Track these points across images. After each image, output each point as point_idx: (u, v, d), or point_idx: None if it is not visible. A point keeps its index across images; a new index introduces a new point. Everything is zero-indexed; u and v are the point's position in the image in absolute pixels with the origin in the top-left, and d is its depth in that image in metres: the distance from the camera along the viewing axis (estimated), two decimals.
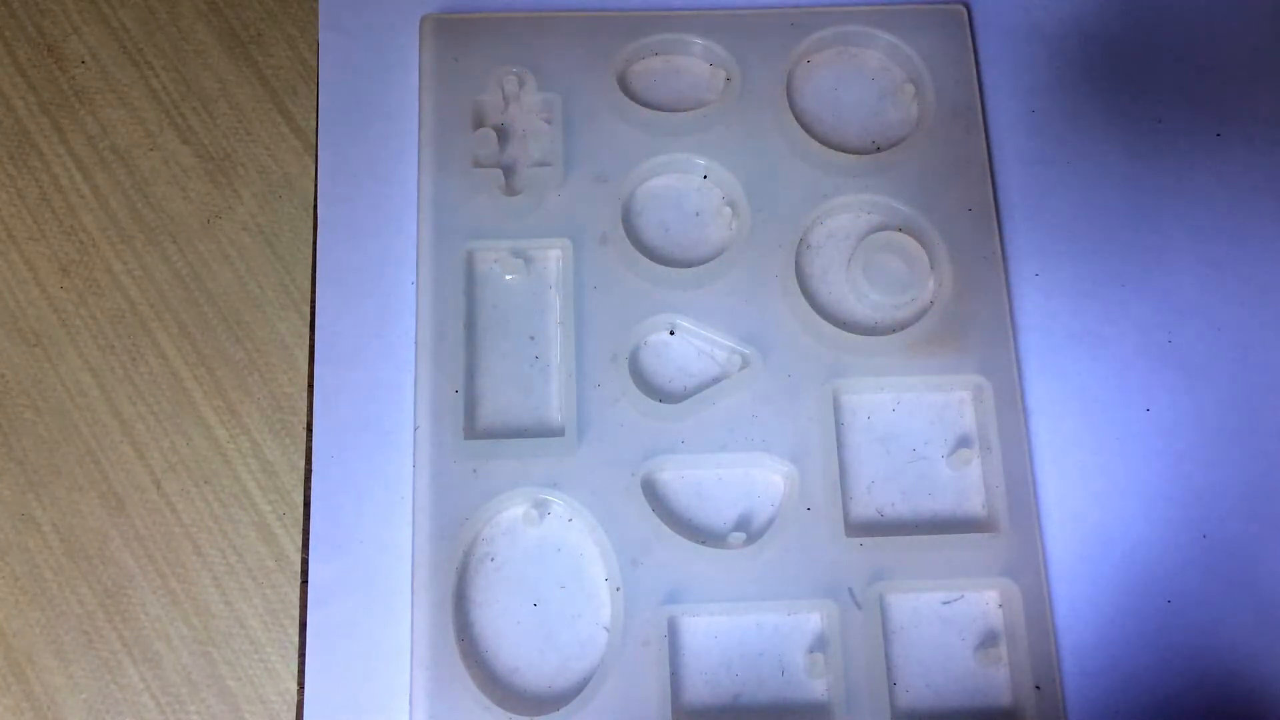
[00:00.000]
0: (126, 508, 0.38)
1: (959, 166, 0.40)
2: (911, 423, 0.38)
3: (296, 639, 0.36)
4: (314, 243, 0.40)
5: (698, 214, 0.40)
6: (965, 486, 0.38)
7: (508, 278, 0.39)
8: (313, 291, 0.39)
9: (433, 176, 0.39)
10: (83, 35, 0.42)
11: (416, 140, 0.40)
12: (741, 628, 0.36)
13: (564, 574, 0.37)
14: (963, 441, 0.38)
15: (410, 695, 0.35)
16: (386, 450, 0.37)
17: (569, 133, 0.40)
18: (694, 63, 0.42)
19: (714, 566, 0.36)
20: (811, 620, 0.36)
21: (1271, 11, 0.43)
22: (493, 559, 0.37)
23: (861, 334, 0.38)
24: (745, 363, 0.38)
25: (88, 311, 0.39)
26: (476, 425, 0.38)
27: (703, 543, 0.36)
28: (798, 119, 0.41)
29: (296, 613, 0.37)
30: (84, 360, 0.39)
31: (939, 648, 0.36)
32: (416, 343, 0.38)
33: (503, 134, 0.40)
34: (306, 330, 0.39)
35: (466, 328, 0.38)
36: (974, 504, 0.38)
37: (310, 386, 0.38)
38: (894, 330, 0.39)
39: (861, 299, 0.39)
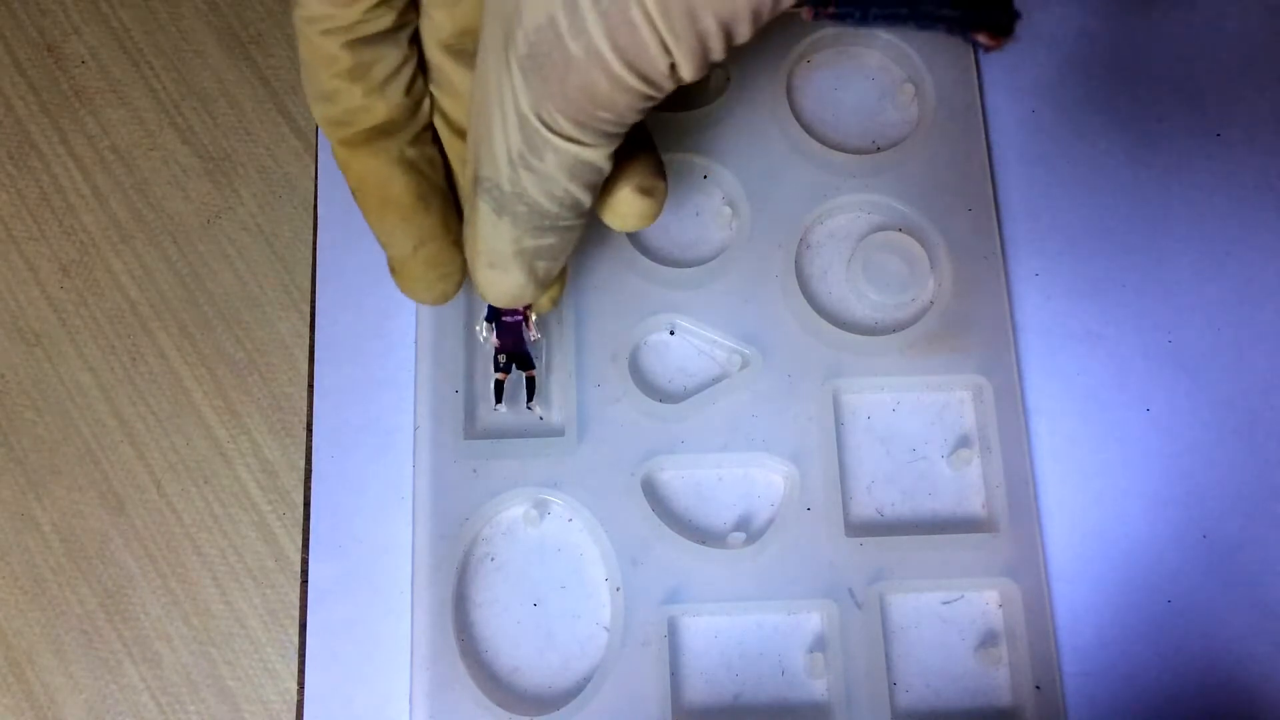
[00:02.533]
0: (126, 508, 0.38)
1: (959, 166, 0.40)
2: (911, 423, 0.38)
3: (296, 639, 0.36)
4: (314, 243, 0.40)
5: (698, 214, 0.40)
6: (965, 486, 0.38)
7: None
8: (313, 291, 0.39)
9: None
10: (83, 35, 0.42)
11: None
12: (741, 628, 0.36)
13: (564, 574, 0.37)
14: (963, 441, 0.38)
15: (410, 695, 0.35)
16: (386, 450, 0.37)
17: None
18: None
19: (714, 566, 0.36)
20: (811, 620, 0.36)
21: (1271, 11, 0.43)
22: (493, 559, 0.37)
23: (861, 334, 0.38)
24: (745, 363, 0.38)
25: (88, 311, 0.39)
26: (476, 425, 0.38)
27: (703, 543, 0.36)
28: (798, 119, 0.41)
29: (296, 613, 0.37)
30: (84, 360, 0.39)
31: (939, 648, 0.36)
32: (416, 343, 0.38)
33: None
34: (306, 330, 0.39)
35: (466, 328, 0.38)
36: (974, 504, 0.38)
37: (310, 386, 0.38)
38: (894, 330, 0.39)
39: (861, 299, 0.39)
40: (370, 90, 0.28)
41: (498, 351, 0.37)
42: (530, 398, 0.37)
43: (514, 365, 0.37)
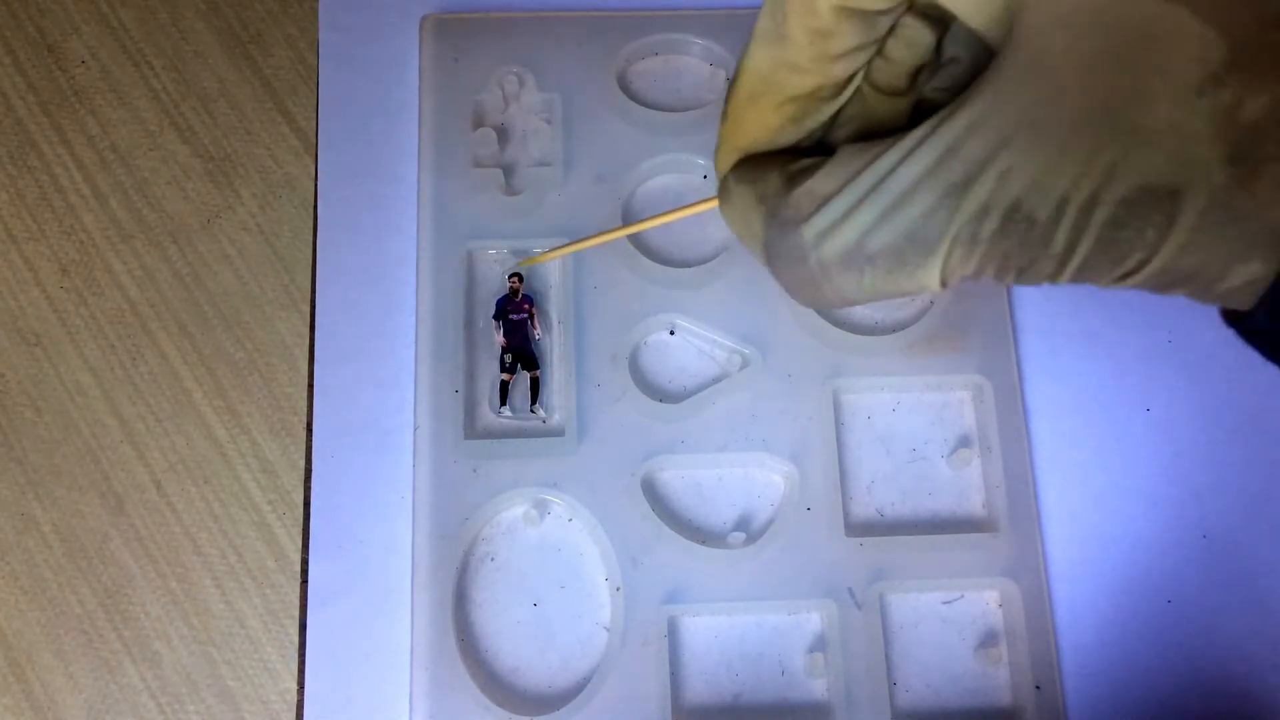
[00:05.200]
0: (126, 508, 0.38)
1: None
2: (911, 423, 0.38)
3: (296, 639, 0.36)
4: (314, 243, 0.40)
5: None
6: (965, 486, 0.38)
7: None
8: (313, 291, 0.39)
9: (433, 176, 0.39)
10: (83, 35, 0.42)
11: (416, 140, 0.40)
12: (741, 628, 0.36)
13: (564, 574, 0.37)
14: (963, 441, 0.38)
15: (410, 695, 0.35)
16: (386, 450, 0.37)
17: (569, 133, 0.40)
18: (694, 63, 0.42)
19: (714, 566, 0.36)
20: (811, 620, 0.36)
21: None
22: (493, 559, 0.37)
23: (861, 334, 0.38)
24: (745, 363, 0.38)
25: (88, 311, 0.39)
26: (476, 425, 0.38)
27: (703, 543, 0.36)
28: None
29: (296, 613, 0.37)
30: (84, 360, 0.39)
31: (939, 648, 0.36)
32: (416, 343, 0.38)
33: (503, 134, 0.40)
34: (306, 330, 0.39)
35: (466, 327, 0.38)
36: (974, 504, 0.38)
37: (310, 386, 0.38)
38: (894, 330, 0.39)
39: None
40: (820, 56, 0.25)
41: (504, 351, 0.37)
42: (534, 399, 0.37)
43: (519, 365, 0.37)
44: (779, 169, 0.25)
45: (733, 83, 0.26)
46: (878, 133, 0.26)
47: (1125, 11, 0.20)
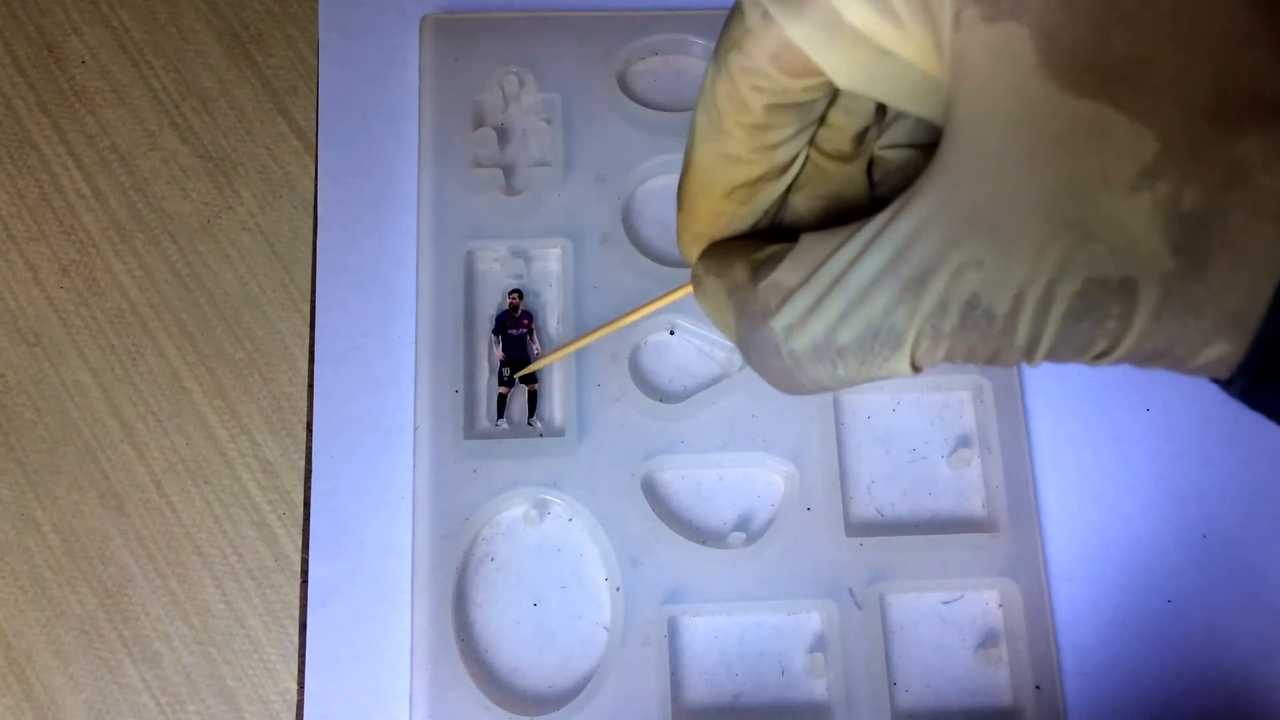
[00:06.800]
0: (126, 508, 0.38)
1: None
2: (911, 423, 0.38)
3: (296, 639, 0.36)
4: (314, 243, 0.40)
5: None
6: (965, 486, 0.38)
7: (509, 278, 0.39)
8: (313, 291, 0.39)
9: (433, 176, 0.39)
10: (83, 35, 0.42)
11: (416, 140, 0.40)
12: (741, 628, 0.36)
13: (564, 574, 0.37)
14: (963, 441, 0.38)
15: (410, 695, 0.35)
16: (386, 450, 0.37)
17: (569, 133, 0.40)
18: (694, 63, 0.42)
19: (714, 566, 0.36)
20: (811, 620, 0.36)
21: None
22: (493, 559, 0.37)
23: None
24: (745, 362, 0.38)
25: (88, 311, 0.39)
26: (476, 425, 0.38)
27: (703, 543, 0.36)
28: None
29: (296, 613, 0.37)
30: (84, 360, 0.39)
31: (939, 648, 0.36)
32: (416, 343, 0.38)
33: (503, 134, 0.40)
34: (306, 330, 0.39)
35: (466, 327, 0.38)
36: (974, 504, 0.38)
37: (310, 386, 0.38)
38: None
39: None
40: (759, 147, 0.25)
41: (502, 365, 0.37)
42: (532, 411, 0.37)
43: (517, 379, 0.37)
44: (744, 259, 0.25)
45: (681, 176, 0.26)
46: (834, 200, 0.26)
47: (1050, 109, 0.20)
